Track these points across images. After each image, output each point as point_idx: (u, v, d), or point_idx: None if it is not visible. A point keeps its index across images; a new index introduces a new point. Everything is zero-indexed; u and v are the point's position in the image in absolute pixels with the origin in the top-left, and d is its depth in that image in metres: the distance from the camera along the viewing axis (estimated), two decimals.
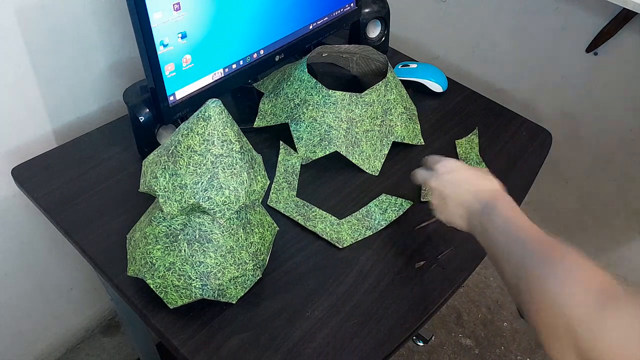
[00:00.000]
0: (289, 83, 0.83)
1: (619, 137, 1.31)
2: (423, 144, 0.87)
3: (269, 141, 0.86)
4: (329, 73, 0.84)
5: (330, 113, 0.79)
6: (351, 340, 0.61)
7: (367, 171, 0.81)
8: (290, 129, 0.81)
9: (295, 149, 0.82)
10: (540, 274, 0.46)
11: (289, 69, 0.86)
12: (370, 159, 0.81)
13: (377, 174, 0.81)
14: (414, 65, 1.01)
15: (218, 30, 0.74)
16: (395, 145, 0.84)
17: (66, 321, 1.23)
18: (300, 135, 0.81)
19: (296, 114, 0.81)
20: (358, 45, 0.88)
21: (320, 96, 0.79)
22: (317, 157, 0.80)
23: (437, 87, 0.99)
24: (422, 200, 0.77)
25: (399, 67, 1.02)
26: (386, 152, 0.83)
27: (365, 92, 0.79)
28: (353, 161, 0.80)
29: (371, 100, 0.80)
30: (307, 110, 0.80)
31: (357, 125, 0.80)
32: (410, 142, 0.86)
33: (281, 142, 0.83)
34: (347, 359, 0.59)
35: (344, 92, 0.79)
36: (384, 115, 0.82)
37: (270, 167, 0.80)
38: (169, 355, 1.13)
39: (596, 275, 0.45)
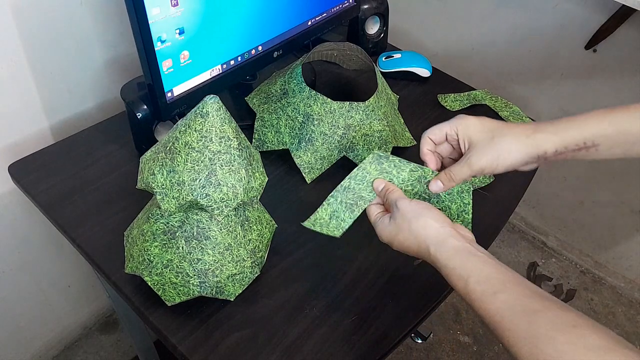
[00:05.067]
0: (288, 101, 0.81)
1: None
2: (415, 143, 0.87)
3: None
4: (325, 71, 0.83)
5: (327, 122, 0.78)
6: (349, 338, 0.61)
7: None
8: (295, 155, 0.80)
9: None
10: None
11: (282, 79, 0.84)
12: None
13: None
14: (397, 55, 1.01)
15: (216, 26, 0.74)
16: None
17: (64, 318, 1.23)
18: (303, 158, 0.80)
19: (305, 133, 0.79)
20: (336, 45, 0.88)
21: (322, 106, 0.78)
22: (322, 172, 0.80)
23: (424, 72, 1.01)
24: None
25: (383, 59, 1.02)
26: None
27: (367, 102, 0.79)
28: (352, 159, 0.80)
29: (370, 107, 0.79)
30: (315, 127, 0.78)
31: (356, 130, 0.79)
32: (406, 145, 0.86)
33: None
34: (346, 356, 0.59)
35: (343, 102, 0.78)
36: (383, 122, 0.81)
37: (269, 164, 0.80)
38: (167, 353, 1.12)
39: None
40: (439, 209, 0.59)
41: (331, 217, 0.61)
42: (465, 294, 0.49)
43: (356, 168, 0.61)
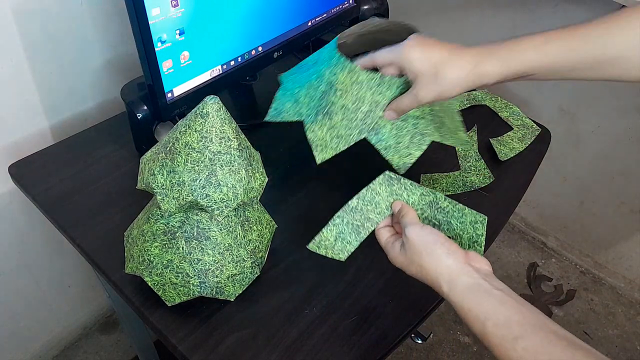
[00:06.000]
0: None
1: (617, 135, 1.31)
2: (468, 149, 0.75)
3: (268, 138, 0.85)
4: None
5: (352, 94, 0.65)
6: (350, 338, 0.61)
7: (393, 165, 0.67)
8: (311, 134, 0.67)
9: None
10: None
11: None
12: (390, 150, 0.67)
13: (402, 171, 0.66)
14: None
15: (216, 26, 0.74)
16: None
17: (64, 319, 1.23)
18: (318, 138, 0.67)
19: (325, 105, 0.66)
20: (379, 23, 0.73)
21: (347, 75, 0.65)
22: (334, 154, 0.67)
23: None
24: None
25: None
26: (415, 154, 0.67)
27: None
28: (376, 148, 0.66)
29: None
30: (336, 98, 0.65)
31: (384, 109, 0.65)
32: (454, 145, 0.71)
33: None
34: (345, 356, 0.59)
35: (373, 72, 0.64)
36: (426, 111, 0.67)
37: (269, 164, 0.80)
38: (167, 353, 1.12)
39: None
40: (450, 237, 0.58)
41: (336, 239, 0.59)
42: (483, 338, 0.45)
43: (365, 188, 0.58)
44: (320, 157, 0.67)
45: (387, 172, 0.58)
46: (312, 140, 0.67)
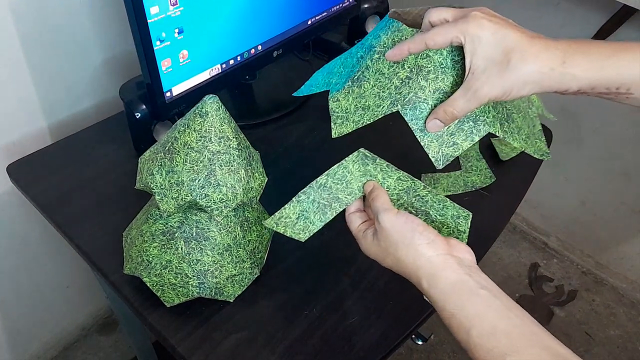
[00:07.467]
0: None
1: (619, 135, 1.31)
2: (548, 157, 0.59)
3: (268, 138, 0.85)
4: None
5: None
6: (349, 339, 0.60)
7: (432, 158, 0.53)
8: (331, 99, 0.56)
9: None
10: None
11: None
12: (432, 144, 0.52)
13: (439, 166, 0.53)
14: None
15: (215, 25, 0.73)
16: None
17: (62, 319, 1.23)
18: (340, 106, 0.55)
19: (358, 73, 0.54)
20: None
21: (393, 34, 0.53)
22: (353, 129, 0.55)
23: None
24: None
25: None
26: (462, 145, 0.52)
27: None
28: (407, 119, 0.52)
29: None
30: (372, 62, 0.53)
31: (428, 79, 0.51)
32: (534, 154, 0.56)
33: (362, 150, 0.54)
34: (346, 357, 0.59)
35: None
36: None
37: (268, 164, 0.80)
38: (165, 354, 1.12)
39: None
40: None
41: (299, 217, 0.54)
42: (467, 348, 0.41)
43: (336, 165, 0.53)
44: (337, 130, 0.55)
45: (361, 150, 0.52)
46: (333, 110, 0.56)
